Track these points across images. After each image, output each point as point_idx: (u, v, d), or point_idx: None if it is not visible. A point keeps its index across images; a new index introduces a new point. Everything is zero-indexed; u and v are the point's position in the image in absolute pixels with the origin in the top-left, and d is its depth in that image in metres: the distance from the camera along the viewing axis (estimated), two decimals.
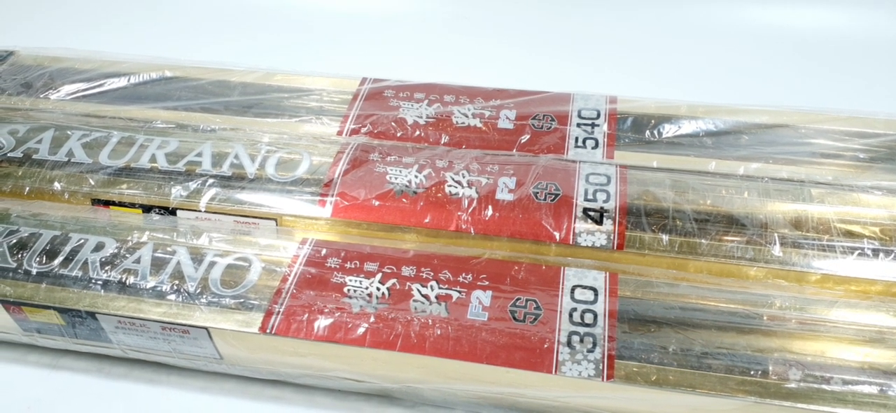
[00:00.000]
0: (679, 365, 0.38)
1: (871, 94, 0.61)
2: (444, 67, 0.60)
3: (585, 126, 0.50)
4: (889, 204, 0.44)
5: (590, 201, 0.45)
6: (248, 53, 0.70)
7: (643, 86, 0.55)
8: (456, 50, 0.70)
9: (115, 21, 0.77)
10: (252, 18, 0.76)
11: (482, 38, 0.71)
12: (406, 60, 0.67)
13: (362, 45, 0.71)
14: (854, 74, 0.64)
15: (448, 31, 0.72)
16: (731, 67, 0.65)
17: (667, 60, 0.67)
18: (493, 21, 0.72)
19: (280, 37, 0.73)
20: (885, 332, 0.39)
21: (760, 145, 0.48)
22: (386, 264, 0.42)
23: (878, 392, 0.36)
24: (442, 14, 0.74)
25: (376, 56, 0.69)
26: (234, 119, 0.53)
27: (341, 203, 0.45)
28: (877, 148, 0.48)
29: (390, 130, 0.51)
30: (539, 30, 0.71)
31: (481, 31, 0.72)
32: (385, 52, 0.70)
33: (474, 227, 0.44)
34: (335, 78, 0.56)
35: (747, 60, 0.66)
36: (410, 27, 0.73)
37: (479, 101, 0.53)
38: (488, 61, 0.67)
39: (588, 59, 0.68)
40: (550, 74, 0.65)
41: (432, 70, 0.57)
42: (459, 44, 0.70)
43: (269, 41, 0.73)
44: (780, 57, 0.66)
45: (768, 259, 0.42)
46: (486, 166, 0.47)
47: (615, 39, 0.69)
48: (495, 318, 0.39)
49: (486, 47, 0.70)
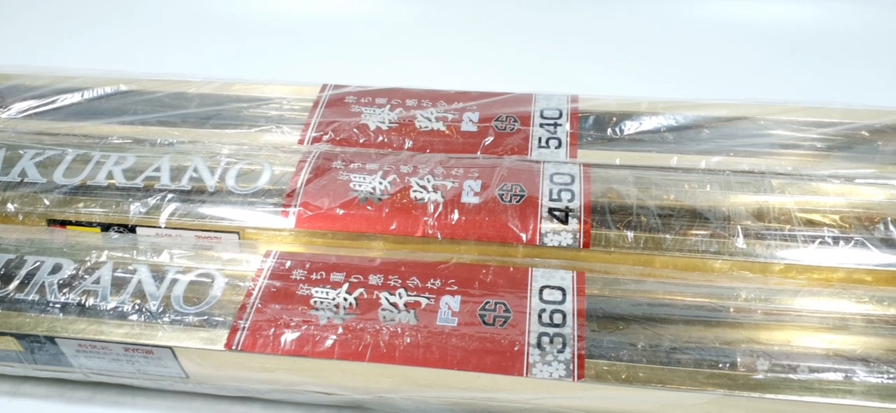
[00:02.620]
0: (648, 361, 0.38)
1: (828, 84, 0.62)
2: (406, 71, 0.59)
3: (548, 126, 0.50)
4: (847, 192, 0.45)
5: (555, 201, 0.45)
6: (206, 64, 0.69)
7: (604, 83, 0.55)
8: (417, 53, 0.69)
9: (67, 35, 0.75)
10: (208, 28, 0.74)
11: (443, 41, 0.71)
12: (367, 65, 0.67)
13: (322, 52, 0.70)
14: (810, 66, 0.65)
15: (409, 34, 0.72)
16: (690, 63, 0.66)
17: (627, 57, 0.67)
18: (454, 23, 0.72)
19: (238, 46, 0.72)
20: (848, 318, 0.39)
21: (721, 139, 0.48)
22: (352, 274, 0.42)
23: (843, 378, 0.37)
24: (402, 17, 0.73)
25: (337, 62, 0.68)
26: (193, 131, 0.52)
27: (305, 213, 0.45)
28: (834, 137, 0.48)
29: (353, 137, 0.50)
30: (499, 30, 0.71)
31: (442, 33, 0.71)
32: (345, 57, 0.69)
33: (441, 232, 0.44)
34: (295, 85, 0.55)
35: (706, 55, 0.67)
36: (370, 32, 0.72)
37: (441, 104, 0.52)
38: (450, 64, 0.67)
39: (549, 58, 0.68)
40: (512, 75, 0.64)
41: (394, 74, 0.56)
42: (420, 47, 0.70)
43: (226, 50, 0.72)
44: (738, 51, 0.67)
45: (732, 251, 0.42)
46: (450, 170, 0.47)
47: (576, 37, 0.70)
48: (465, 322, 0.39)
49: (447, 49, 0.70)
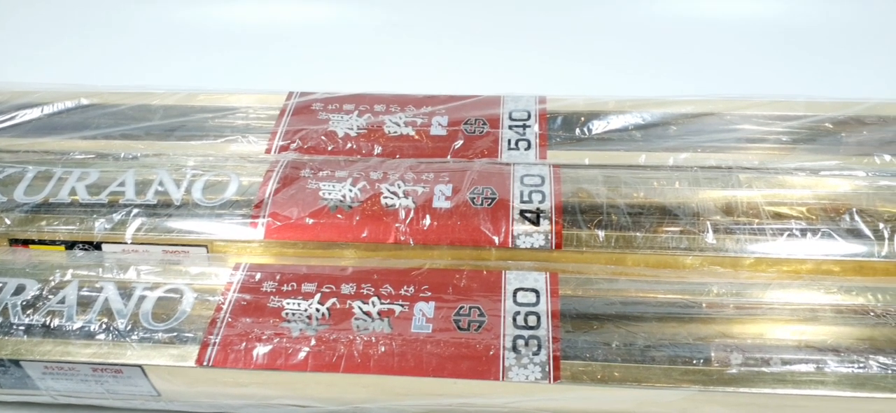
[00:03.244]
0: (623, 360, 0.38)
1: (791, 77, 0.62)
2: (373, 77, 0.59)
3: (517, 128, 0.50)
4: (813, 184, 0.45)
5: (526, 203, 0.45)
6: (170, 74, 0.68)
7: (571, 83, 0.55)
8: (384, 58, 0.69)
9: (26, 50, 0.74)
10: (171, 39, 0.73)
11: (409, 45, 0.70)
12: (334, 72, 0.66)
13: (287, 59, 0.70)
14: (774, 59, 0.66)
15: (374, 39, 0.71)
16: (656, 60, 0.67)
17: (593, 57, 0.67)
18: (420, 27, 0.72)
19: (201, 55, 0.71)
20: (818, 309, 0.40)
21: (688, 135, 0.49)
22: (324, 284, 0.41)
23: (815, 369, 0.37)
24: (367, 23, 0.73)
25: (303, 69, 0.67)
26: (157, 144, 0.51)
27: (274, 224, 0.44)
28: (799, 130, 0.49)
29: (321, 145, 0.50)
30: (464, 33, 0.71)
31: (408, 37, 0.71)
32: (311, 64, 0.68)
33: (413, 238, 0.43)
34: (260, 94, 0.54)
35: (670, 52, 0.68)
36: (336, 38, 0.72)
37: (410, 108, 0.52)
38: (417, 68, 0.67)
39: (516, 59, 0.68)
40: (480, 77, 0.64)
41: (361, 80, 0.56)
42: (387, 52, 0.70)
43: (190, 60, 0.71)
44: (703, 47, 0.68)
45: (703, 247, 0.43)
46: (421, 175, 0.46)
47: (542, 38, 0.70)
48: (439, 329, 0.39)
49: (414, 54, 0.69)
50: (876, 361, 0.37)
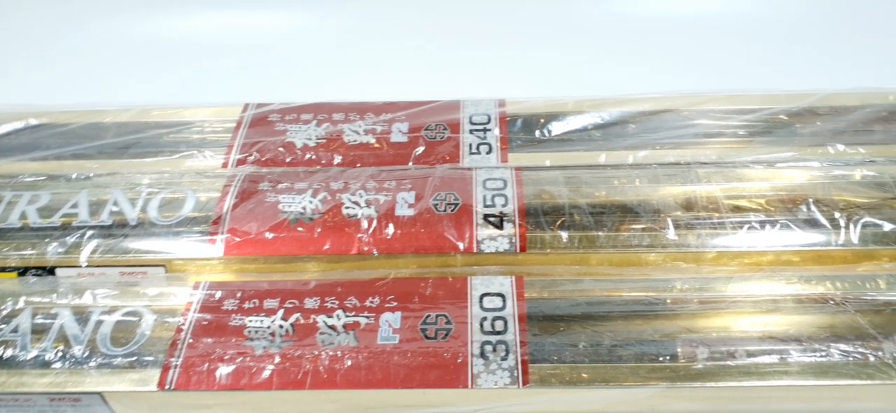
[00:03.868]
0: (591, 361, 0.38)
1: (746, 70, 0.63)
2: (331, 85, 0.59)
3: (478, 132, 0.50)
4: (770, 176, 0.46)
5: (489, 207, 0.44)
6: (121, 91, 0.66)
7: (530, 85, 0.55)
8: (341, 66, 0.68)
9: None
10: (121, 54, 0.72)
11: (366, 52, 0.70)
12: (290, 82, 0.65)
13: (242, 70, 0.69)
14: (728, 53, 0.67)
15: (330, 47, 0.71)
16: (613, 59, 0.67)
17: (551, 57, 0.68)
18: (376, 33, 0.71)
19: (154, 70, 0.70)
20: (779, 300, 0.40)
21: (646, 132, 0.49)
22: (287, 299, 0.40)
23: (779, 360, 0.38)
24: (322, 31, 0.72)
25: (258, 80, 0.66)
26: (111, 163, 0.50)
27: (233, 240, 0.43)
28: (755, 123, 0.50)
29: (279, 156, 0.49)
30: (421, 37, 0.71)
31: (365, 44, 0.71)
32: (267, 74, 0.67)
33: (377, 248, 0.43)
34: (216, 107, 0.53)
35: (626, 50, 0.68)
36: (292, 48, 0.71)
37: (369, 116, 0.52)
38: (375, 75, 0.66)
39: (475, 62, 0.68)
40: (438, 82, 0.64)
41: (319, 89, 0.55)
42: (343, 59, 0.69)
43: (142, 76, 0.69)
44: (658, 43, 0.68)
45: (665, 244, 0.43)
46: (383, 183, 0.46)
47: (500, 40, 0.70)
48: (406, 339, 0.39)
49: (371, 60, 0.69)
50: (837, 349, 0.38)
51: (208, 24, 0.73)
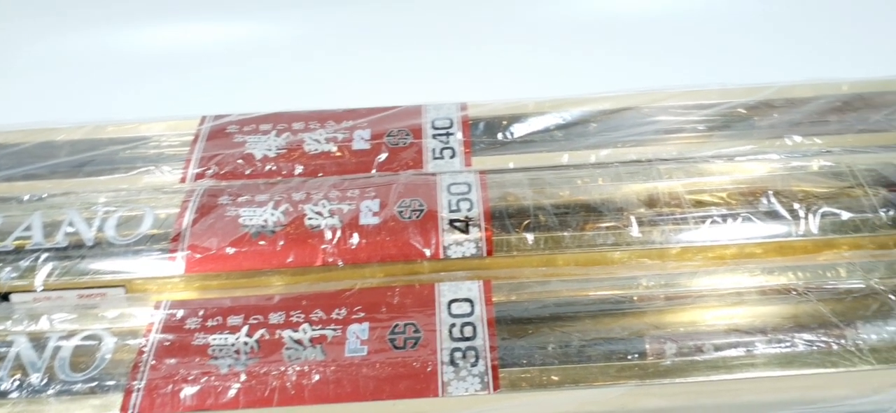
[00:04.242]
0: (560, 362, 0.38)
1: (703, 66, 0.64)
2: (289, 94, 0.58)
3: (441, 136, 0.50)
4: (730, 170, 0.46)
5: (454, 212, 0.44)
6: (74, 107, 0.65)
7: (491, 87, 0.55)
8: (299, 75, 0.67)
9: None
10: (73, 69, 0.70)
11: (324, 59, 0.69)
12: (248, 93, 0.65)
13: (198, 82, 0.67)
14: (684, 49, 0.67)
15: (287, 56, 0.70)
16: (571, 59, 0.67)
17: (510, 59, 0.68)
18: (333, 40, 0.71)
19: (107, 85, 0.68)
20: (743, 292, 0.41)
21: (607, 131, 0.49)
22: (251, 315, 0.40)
23: (745, 353, 0.38)
24: (278, 39, 0.71)
25: (215, 92, 0.65)
26: (65, 182, 0.48)
27: (194, 256, 0.42)
28: (713, 118, 0.50)
29: (238, 169, 0.48)
30: (381, 42, 0.70)
31: (322, 51, 0.70)
32: (224, 86, 0.66)
33: (342, 258, 0.42)
34: (172, 120, 0.52)
35: (585, 49, 0.68)
36: (248, 57, 0.70)
37: (330, 124, 0.51)
38: (334, 82, 0.66)
39: (435, 66, 0.68)
40: (399, 87, 0.64)
41: (277, 99, 0.54)
42: (301, 68, 0.68)
43: (95, 91, 0.68)
44: (614, 42, 0.69)
45: (629, 241, 0.43)
46: (346, 192, 0.45)
47: (459, 43, 0.70)
48: (375, 350, 0.38)
49: (329, 67, 0.68)
50: (801, 339, 0.38)
51: (162, 37, 0.72)
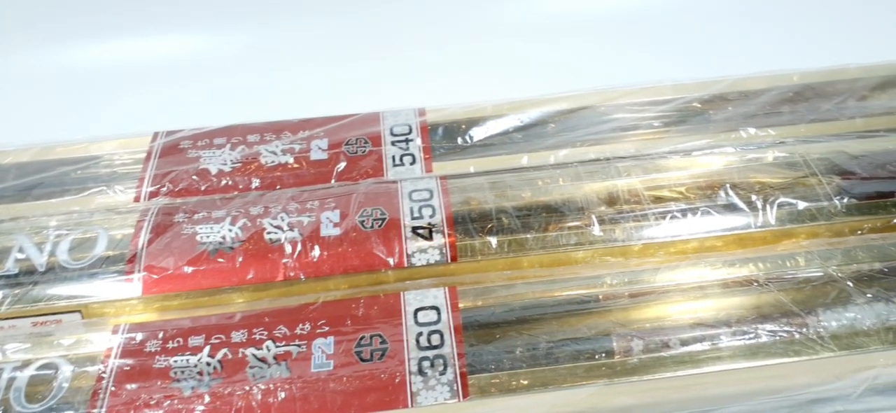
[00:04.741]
0: (529, 366, 0.38)
1: (657, 62, 0.65)
2: (243, 107, 0.56)
3: (400, 143, 0.49)
4: (687, 165, 0.47)
5: (417, 219, 0.44)
6: (19, 128, 0.63)
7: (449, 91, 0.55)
8: (252, 86, 0.66)
9: None
10: (16, 88, 0.68)
11: (277, 69, 0.68)
12: (201, 106, 0.63)
13: (150, 98, 0.66)
14: (638, 47, 0.68)
15: (239, 67, 0.68)
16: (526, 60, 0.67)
17: (466, 62, 0.67)
18: (286, 49, 0.70)
19: (53, 103, 0.66)
20: (706, 286, 0.41)
21: (566, 131, 0.49)
22: (213, 334, 0.39)
23: (711, 346, 0.38)
24: (229, 50, 0.70)
25: (168, 107, 0.64)
26: (13, 207, 0.47)
27: (151, 277, 0.41)
28: (669, 113, 0.51)
29: (193, 185, 0.47)
30: (334, 51, 0.70)
31: (275, 61, 0.69)
32: (176, 101, 0.65)
33: (304, 272, 0.42)
34: (123, 138, 0.51)
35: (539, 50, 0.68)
36: (199, 70, 0.68)
37: (286, 135, 0.50)
38: (288, 92, 0.65)
39: (392, 72, 0.67)
40: (355, 95, 0.63)
41: (231, 112, 0.53)
42: (254, 79, 0.67)
43: (41, 110, 0.66)
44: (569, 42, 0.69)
45: (592, 240, 0.43)
46: (305, 204, 0.45)
47: (414, 48, 0.69)
48: (341, 364, 0.38)
49: (283, 77, 0.67)
50: (764, 330, 0.39)
51: (109, 53, 0.70)
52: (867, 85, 0.52)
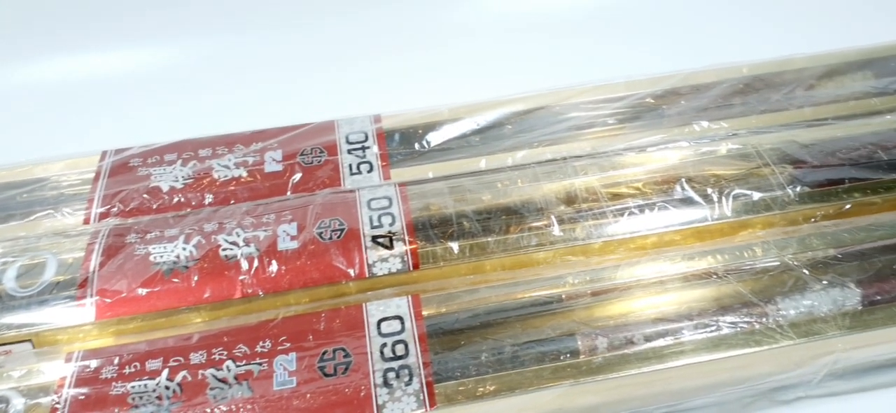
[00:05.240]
0: (495, 371, 0.38)
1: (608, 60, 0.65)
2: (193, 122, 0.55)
3: (356, 151, 0.49)
4: (643, 161, 0.47)
5: (377, 228, 0.43)
6: None
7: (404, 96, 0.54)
8: (201, 100, 0.65)
9: None
10: None
11: (227, 81, 0.67)
12: (150, 122, 0.62)
13: (96, 116, 0.64)
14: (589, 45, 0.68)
15: (189, 80, 0.67)
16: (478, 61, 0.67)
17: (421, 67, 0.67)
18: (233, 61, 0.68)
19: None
20: (667, 280, 0.42)
21: (522, 133, 0.49)
22: (170, 357, 0.38)
23: (674, 341, 0.39)
24: (179, 63, 0.68)
25: (115, 124, 0.62)
26: None
27: (104, 301, 0.40)
28: (623, 110, 0.51)
29: (145, 204, 0.46)
30: (287, 60, 0.69)
31: (225, 73, 0.67)
32: (124, 118, 0.63)
33: (262, 288, 0.41)
34: (70, 159, 0.49)
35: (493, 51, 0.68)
36: (148, 84, 0.67)
37: (239, 148, 0.49)
38: (239, 104, 0.63)
39: (345, 79, 0.66)
40: (309, 104, 0.62)
41: (180, 126, 0.52)
42: (204, 92, 0.66)
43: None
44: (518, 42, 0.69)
45: (553, 240, 0.43)
46: (261, 218, 0.44)
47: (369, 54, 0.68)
48: (305, 380, 0.37)
49: (231, 89, 0.66)
50: (725, 322, 0.39)
51: (52, 70, 0.68)
52: (814, 74, 0.53)
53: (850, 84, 0.52)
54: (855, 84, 0.52)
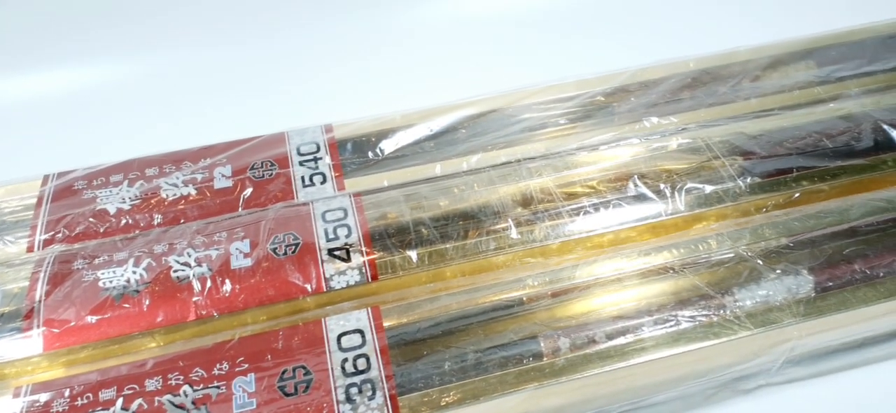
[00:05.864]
0: (458, 379, 0.38)
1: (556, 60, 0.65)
2: (139, 139, 0.54)
3: (308, 163, 0.48)
4: (595, 159, 0.47)
5: (333, 240, 0.43)
6: None
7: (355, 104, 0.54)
8: (147, 117, 0.63)
9: None
10: None
11: (172, 98, 0.65)
12: (93, 143, 0.60)
13: (36, 139, 0.62)
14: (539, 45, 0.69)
15: (133, 99, 0.65)
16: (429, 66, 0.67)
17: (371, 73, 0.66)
18: (181, 76, 0.67)
19: None
20: (625, 277, 0.42)
21: (476, 137, 0.49)
22: (125, 385, 0.37)
23: (635, 338, 0.39)
24: (122, 82, 0.66)
25: (57, 147, 0.60)
26: None
27: (51, 331, 0.39)
28: (574, 110, 0.51)
29: (91, 228, 0.44)
30: (233, 72, 0.67)
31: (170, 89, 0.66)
32: (66, 139, 0.61)
33: (217, 309, 0.40)
34: (10, 185, 0.48)
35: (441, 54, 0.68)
36: (90, 104, 0.65)
37: (186, 165, 0.48)
38: (185, 120, 0.62)
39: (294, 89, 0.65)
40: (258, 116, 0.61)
41: (125, 146, 0.50)
42: (149, 109, 0.64)
43: None
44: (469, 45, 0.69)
45: (511, 243, 0.43)
46: (212, 236, 0.43)
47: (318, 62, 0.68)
48: (264, 401, 0.36)
49: (179, 105, 0.64)
50: (684, 316, 0.39)
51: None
52: (759, 65, 0.54)
53: (794, 74, 0.53)
54: (798, 74, 0.53)
